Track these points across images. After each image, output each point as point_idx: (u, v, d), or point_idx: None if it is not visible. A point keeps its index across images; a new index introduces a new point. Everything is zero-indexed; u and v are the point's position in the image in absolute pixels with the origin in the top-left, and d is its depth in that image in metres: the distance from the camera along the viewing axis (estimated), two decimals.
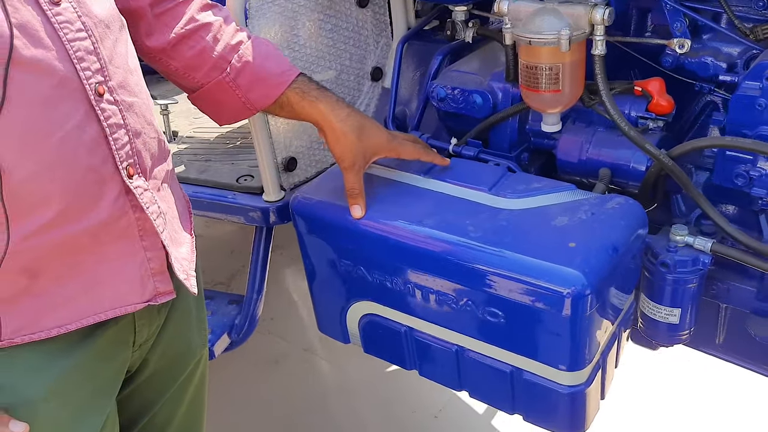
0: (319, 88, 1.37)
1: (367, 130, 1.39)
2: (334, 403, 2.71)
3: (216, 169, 1.89)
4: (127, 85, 1.07)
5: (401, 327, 1.53)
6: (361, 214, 1.42)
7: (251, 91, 1.33)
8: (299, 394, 2.76)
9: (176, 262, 1.15)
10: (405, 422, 2.60)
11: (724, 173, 1.45)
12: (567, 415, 1.39)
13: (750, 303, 1.62)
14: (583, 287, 1.23)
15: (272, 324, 3.15)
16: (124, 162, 1.04)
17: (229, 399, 2.72)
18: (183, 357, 1.36)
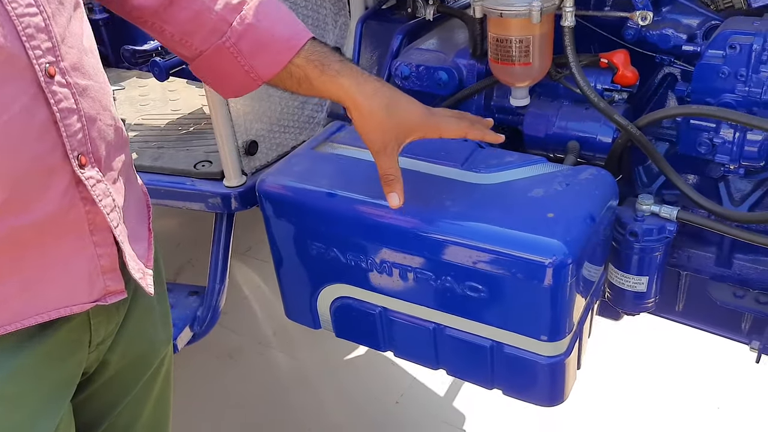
0: (342, 60, 1.19)
1: (399, 107, 1.20)
2: (292, 395, 2.66)
3: (171, 155, 1.81)
4: (81, 67, 0.97)
5: (375, 308, 1.51)
6: (399, 203, 1.23)
7: (255, 58, 1.15)
8: (256, 388, 2.70)
9: (131, 260, 1.07)
10: (366, 409, 2.58)
11: (688, 142, 1.49)
12: (547, 386, 1.40)
13: (710, 269, 1.67)
14: (565, 256, 1.23)
15: (224, 318, 3.05)
16: (75, 150, 0.95)
17: (182, 397, 2.59)
18: (146, 356, 1.27)
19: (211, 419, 2.56)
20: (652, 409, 2.44)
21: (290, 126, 1.80)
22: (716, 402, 2.45)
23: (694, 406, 2.42)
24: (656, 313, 1.77)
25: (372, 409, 2.58)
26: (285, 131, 1.79)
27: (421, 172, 1.46)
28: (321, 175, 1.49)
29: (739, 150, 1.42)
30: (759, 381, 2.47)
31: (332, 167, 1.51)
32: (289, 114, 1.79)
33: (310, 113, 1.84)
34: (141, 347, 1.26)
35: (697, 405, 2.42)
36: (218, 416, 2.57)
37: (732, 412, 2.38)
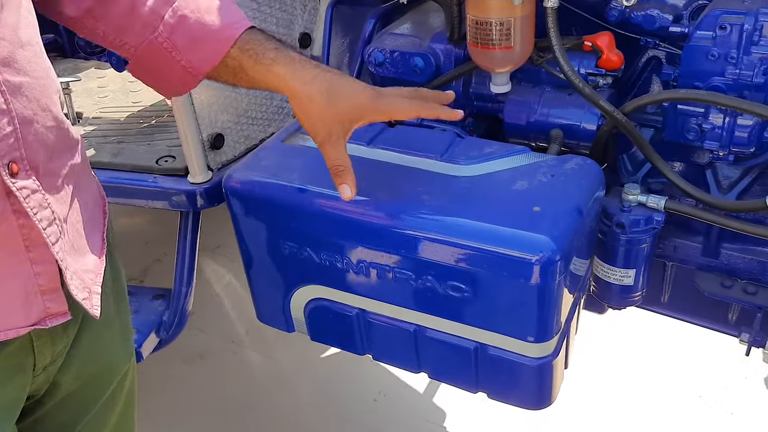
0: (278, 47, 1.11)
1: (342, 91, 1.11)
2: (268, 395, 2.57)
3: (131, 150, 1.70)
4: (14, 62, 0.86)
5: (352, 310, 1.42)
6: (351, 195, 1.16)
7: (192, 53, 1.08)
8: (230, 390, 2.60)
9: (74, 278, 0.97)
10: (344, 408, 2.50)
11: (675, 128, 1.42)
12: (534, 388, 1.33)
13: (696, 259, 1.62)
14: (553, 252, 1.16)
15: (193, 317, 2.94)
16: (5, 157, 0.85)
17: (151, 402, 2.51)
18: (105, 374, 1.17)
19: (183, 426, 2.46)
20: (633, 402, 2.40)
21: (258, 118, 1.70)
22: (698, 391, 2.42)
23: (677, 396, 2.39)
24: (641, 305, 1.72)
25: (351, 408, 2.50)
26: (253, 123, 1.69)
27: (397, 164, 1.38)
28: (291, 170, 1.40)
29: (729, 136, 1.36)
30: (741, 370, 2.45)
31: (303, 161, 1.42)
32: (257, 105, 1.69)
33: (279, 103, 1.75)
34: (98, 366, 1.15)
35: (679, 395, 2.39)
36: (190, 422, 2.47)
37: (715, 402, 2.35)
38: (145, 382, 1.69)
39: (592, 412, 2.36)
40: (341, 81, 1.13)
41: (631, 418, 2.35)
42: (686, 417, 2.33)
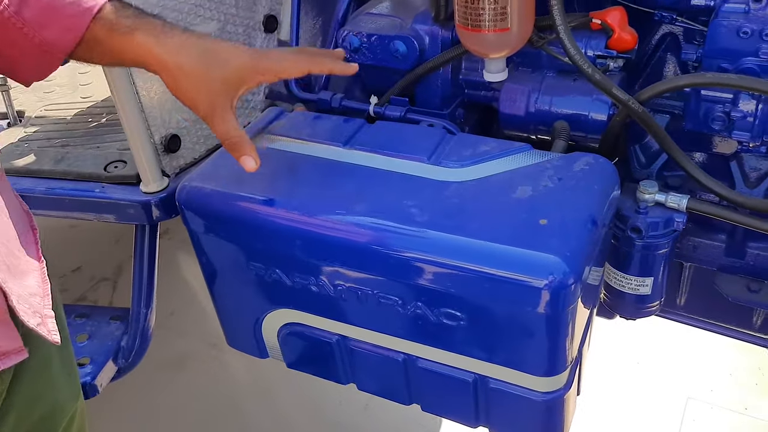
0: (137, 14, 0.98)
1: (218, 56, 1.00)
2: (252, 403, 2.40)
3: (77, 156, 1.50)
4: None
5: (332, 336, 1.24)
6: (254, 166, 1.05)
7: (45, 28, 0.93)
8: (211, 397, 2.43)
9: (21, 302, 0.85)
10: (333, 416, 2.33)
11: (697, 116, 1.24)
12: (543, 425, 1.16)
13: (719, 260, 1.45)
14: (565, 276, 0.97)
15: (172, 320, 2.77)
16: None
17: (126, 414, 2.34)
18: (49, 418, 1.02)
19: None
20: (620, 403, 2.24)
21: None
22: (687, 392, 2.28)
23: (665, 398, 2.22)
24: None
25: (339, 416, 2.34)
26: None
27: (379, 169, 1.18)
28: (256, 178, 1.19)
29: (763, 125, 1.17)
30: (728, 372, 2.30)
31: (270, 166, 1.22)
32: None
33: (244, 96, 1.54)
34: (40, 412, 0.99)
35: (667, 396, 2.22)
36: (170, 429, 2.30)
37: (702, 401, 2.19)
38: (119, 392, 1.53)
39: (579, 415, 2.20)
40: (215, 46, 1.01)
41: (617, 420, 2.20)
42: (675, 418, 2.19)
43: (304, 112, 1.38)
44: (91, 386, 1.41)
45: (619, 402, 2.25)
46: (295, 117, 1.35)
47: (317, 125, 1.31)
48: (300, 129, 1.31)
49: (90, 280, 2.99)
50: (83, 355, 1.46)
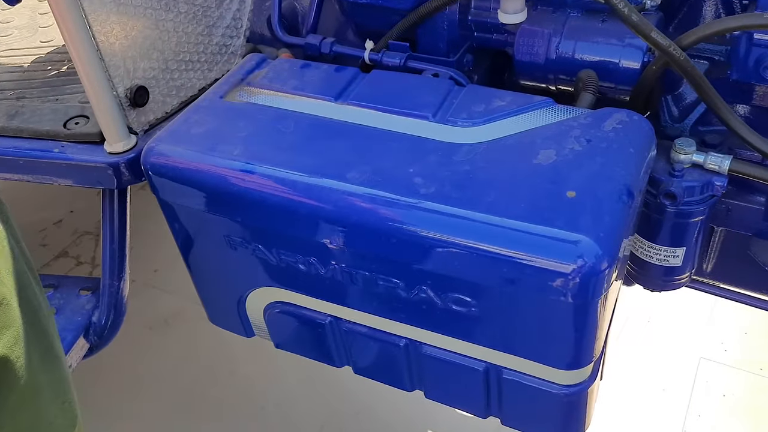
0: None
1: None
2: (243, 364, 2.29)
3: (33, 110, 1.31)
4: None
5: (325, 318, 1.10)
6: None
7: None
8: (199, 359, 2.32)
9: None
10: (327, 373, 2.22)
11: (746, 65, 1.06)
12: (563, 419, 1.03)
13: (755, 224, 1.30)
14: (597, 260, 0.82)
15: (156, 277, 2.64)
16: None
17: (113, 377, 2.23)
18: None
19: (149, 399, 2.18)
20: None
21: (194, 60, 1.31)
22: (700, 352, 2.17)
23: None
24: None
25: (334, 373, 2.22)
26: (187, 68, 1.30)
27: (375, 128, 1.01)
28: (234, 139, 1.03)
29: None
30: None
31: (249, 125, 1.06)
32: (191, 44, 1.29)
33: (221, 40, 1.35)
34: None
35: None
36: (157, 394, 2.19)
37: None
38: (105, 352, 1.42)
39: None
40: None
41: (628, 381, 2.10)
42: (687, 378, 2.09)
43: (290, 60, 1.20)
44: None
45: (630, 362, 2.14)
46: (278, 66, 1.17)
47: (304, 75, 1.14)
48: (284, 80, 1.13)
49: (72, 234, 2.84)
50: None
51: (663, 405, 2.03)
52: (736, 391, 2.06)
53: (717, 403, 2.04)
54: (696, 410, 2.02)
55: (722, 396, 2.05)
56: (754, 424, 1.96)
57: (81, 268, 2.70)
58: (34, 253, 2.72)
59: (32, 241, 2.79)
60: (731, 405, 2.03)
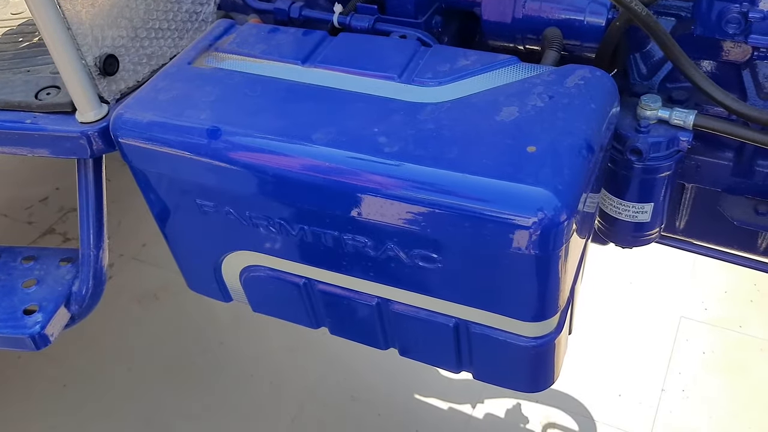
0: None
1: None
2: (231, 337, 2.32)
3: (5, 81, 1.32)
4: None
5: (298, 279, 1.12)
6: None
7: None
8: (188, 330, 2.34)
9: None
10: (315, 345, 2.26)
11: (709, 19, 1.07)
12: (531, 371, 1.05)
13: (724, 180, 1.31)
14: (557, 212, 0.84)
15: (144, 251, 2.65)
16: None
17: (102, 352, 2.26)
18: None
19: (140, 370, 2.21)
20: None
21: (163, 28, 1.31)
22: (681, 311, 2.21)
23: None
24: None
25: (321, 342, 2.26)
26: (157, 36, 1.30)
27: (342, 90, 1.02)
28: (201, 104, 1.04)
29: None
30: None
31: (217, 90, 1.06)
32: (160, 11, 1.29)
33: (191, 7, 1.35)
34: None
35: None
36: (147, 366, 2.22)
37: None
38: (94, 326, 1.43)
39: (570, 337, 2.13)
40: None
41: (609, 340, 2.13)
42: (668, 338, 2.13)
43: (257, 24, 1.20)
44: (41, 336, 1.30)
45: (611, 322, 2.18)
46: (246, 30, 1.17)
47: (272, 40, 1.14)
48: (252, 45, 1.13)
49: (58, 211, 2.85)
50: (31, 302, 1.34)
51: (644, 363, 2.07)
52: (716, 348, 2.10)
53: (697, 360, 2.08)
54: (676, 368, 2.06)
55: (702, 353, 2.09)
56: (732, 380, 2.01)
57: (68, 245, 2.71)
58: (21, 230, 2.74)
59: (19, 218, 2.80)
60: (711, 362, 2.07)
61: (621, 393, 2.01)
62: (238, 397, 2.13)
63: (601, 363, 2.08)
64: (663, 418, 1.94)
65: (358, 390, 2.12)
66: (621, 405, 1.98)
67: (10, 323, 1.30)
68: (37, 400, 2.14)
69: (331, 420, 2.04)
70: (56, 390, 2.17)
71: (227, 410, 2.09)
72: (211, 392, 2.14)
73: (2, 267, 1.41)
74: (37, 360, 2.21)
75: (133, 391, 2.16)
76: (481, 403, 2.03)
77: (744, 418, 1.92)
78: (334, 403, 2.08)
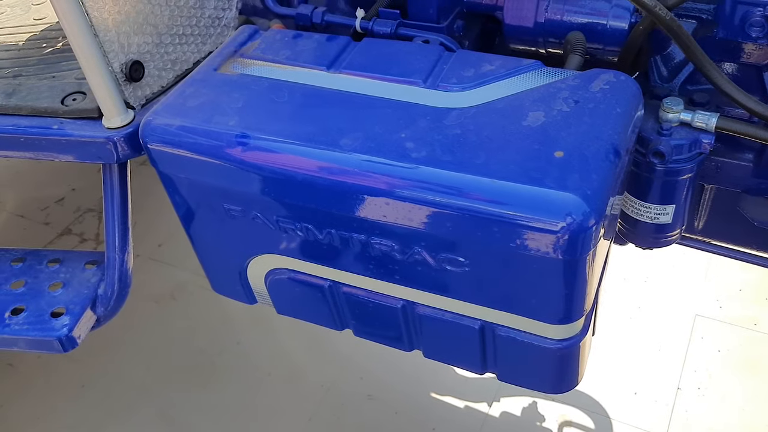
0: None
1: None
2: (248, 337, 2.34)
3: (30, 88, 1.33)
4: None
5: (324, 282, 1.13)
6: None
7: None
8: (206, 330, 2.36)
9: None
10: (330, 345, 2.27)
11: (731, 22, 1.08)
12: (556, 372, 1.07)
13: (744, 181, 1.32)
14: (585, 217, 0.85)
15: (161, 252, 2.67)
16: None
17: (119, 352, 2.28)
18: None
19: (158, 369, 2.23)
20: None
21: (187, 34, 1.32)
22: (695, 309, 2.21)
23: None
24: None
25: (337, 345, 2.28)
26: (181, 42, 1.31)
27: (367, 95, 1.03)
28: (228, 110, 1.05)
29: None
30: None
31: (244, 96, 1.08)
32: (183, 17, 1.31)
33: (214, 12, 1.36)
34: None
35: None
36: (165, 365, 2.24)
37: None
38: (111, 328, 1.46)
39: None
40: None
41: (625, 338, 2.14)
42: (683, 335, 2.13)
43: (282, 30, 1.21)
44: (69, 338, 1.31)
45: (626, 321, 2.18)
46: (271, 37, 1.19)
47: (296, 45, 1.15)
48: (277, 51, 1.15)
49: (75, 212, 2.87)
50: (58, 305, 1.35)
51: (659, 361, 2.08)
52: (731, 346, 2.11)
53: (712, 358, 2.08)
54: (692, 366, 2.07)
55: (717, 351, 2.10)
56: (748, 377, 2.01)
57: (85, 245, 2.73)
58: (38, 231, 2.76)
59: (35, 219, 2.82)
60: (726, 360, 2.07)
61: (637, 391, 2.01)
62: (255, 396, 2.14)
63: (617, 361, 2.09)
64: (679, 416, 1.95)
65: (375, 389, 2.13)
66: (637, 403, 1.99)
67: (38, 326, 1.31)
68: (55, 400, 2.16)
69: (348, 419, 2.06)
70: (75, 389, 2.19)
71: (244, 409, 2.11)
72: (228, 391, 2.16)
73: (28, 270, 1.43)
74: (55, 360, 2.24)
75: (151, 391, 2.18)
76: (497, 401, 2.04)
77: (760, 415, 1.92)
78: (351, 402, 2.10)
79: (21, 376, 2.23)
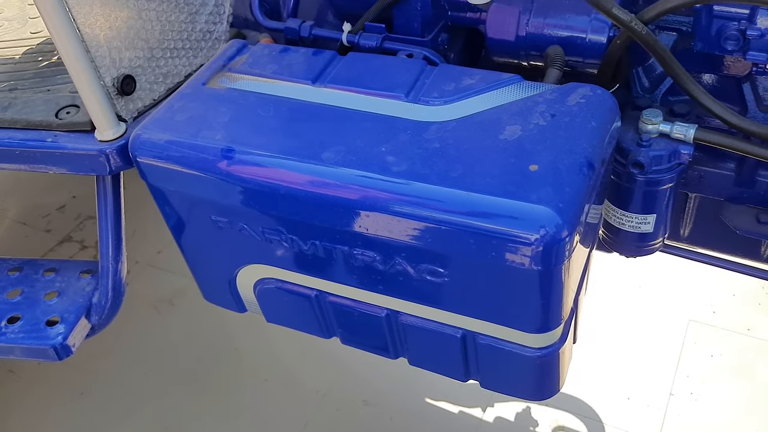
0: None
1: None
2: (246, 341, 2.36)
3: (26, 101, 1.36)
4: None
5: (310, 292, 1.15)
6: None
7: None
8: (205, 338, 2.38)
9: None
10: (327, 351, 2.29)
11: (708, 36, 1.10)
12: (537, 380, 1.09)
13: (727, 190, 1.34)
14: (558, 228, 0.87)
15: (160, 258, 2.70)
16: None
17: (119, 357, 2.31)
18: None
19: (157, 375, 2.26)
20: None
21: (178, 48, 1.35)
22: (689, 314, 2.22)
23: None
24: None
25: (334, 350, 2.29)
26: (172, 56, 1.34)
27: (350, 109, 1.06)
28: (215, 125, 1.08)
29: None
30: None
31: (231, 110, 1.10)
32: (175, 32, 1.33)
33: (205, 26, 1.39)
34: None
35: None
36: (164, 371, 2.27)
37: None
38: (110, 334, 1.49)
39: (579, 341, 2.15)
40: None
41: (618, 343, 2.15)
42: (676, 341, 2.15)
43: (269, 45, 1.24)
44: (64, 346, 1.34)
45: (620, 326, 2.20)
46: (258, 51, 1.21)
47: (284, 60, 1.18)
48: (265, 65, 1.17)
49: (76, 219, 2.90)
50: (54, 313, 1.38)
51: (652, 366, 2.09)
52: (724, 351, 2.12)
53: (705, 363, 2.10)
54: (684, 371, 2.08)
55: (710, 357, 2.11)
56: (741, 383, 2.02)
57: (85, 252, 2.77)
58: (39, 238, 2.80)
59: (37, 226, 2.86)
60: (719, 365, 2.09)
61: (630, 396, 2.03)
62: (252, 401, 2.17)
63: (610, 366, 2.10)
64: (671, 421, 1.97)
65: (370, 395, 2.16)
66: (630, 408, 2.00)
67: (33, 334, 1.34)
68: (54, 406, 2.19)
69: (344, 425, 2.08)
70: (74, 396, 2.22)
71: (242, 415, 2.13)
72: (225, 397, 2.19)
73: (25, 279, 1.46)
74: (54, 366, 2.27)
75: (149, 396, 2.21)
76: (491, 406, 2.06)
77: (752, 421, 1.94)
78: (347, 408, 2.12)
79: (21, 382, 2.26)
